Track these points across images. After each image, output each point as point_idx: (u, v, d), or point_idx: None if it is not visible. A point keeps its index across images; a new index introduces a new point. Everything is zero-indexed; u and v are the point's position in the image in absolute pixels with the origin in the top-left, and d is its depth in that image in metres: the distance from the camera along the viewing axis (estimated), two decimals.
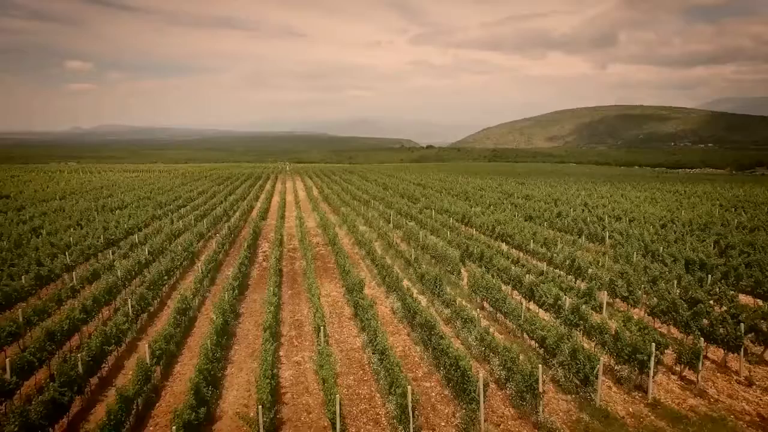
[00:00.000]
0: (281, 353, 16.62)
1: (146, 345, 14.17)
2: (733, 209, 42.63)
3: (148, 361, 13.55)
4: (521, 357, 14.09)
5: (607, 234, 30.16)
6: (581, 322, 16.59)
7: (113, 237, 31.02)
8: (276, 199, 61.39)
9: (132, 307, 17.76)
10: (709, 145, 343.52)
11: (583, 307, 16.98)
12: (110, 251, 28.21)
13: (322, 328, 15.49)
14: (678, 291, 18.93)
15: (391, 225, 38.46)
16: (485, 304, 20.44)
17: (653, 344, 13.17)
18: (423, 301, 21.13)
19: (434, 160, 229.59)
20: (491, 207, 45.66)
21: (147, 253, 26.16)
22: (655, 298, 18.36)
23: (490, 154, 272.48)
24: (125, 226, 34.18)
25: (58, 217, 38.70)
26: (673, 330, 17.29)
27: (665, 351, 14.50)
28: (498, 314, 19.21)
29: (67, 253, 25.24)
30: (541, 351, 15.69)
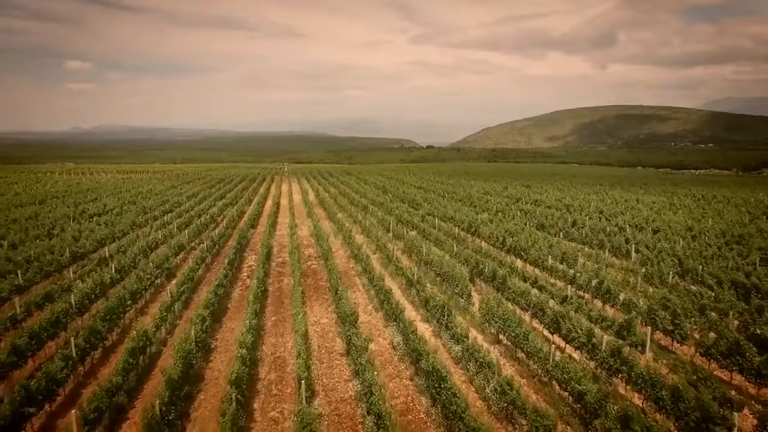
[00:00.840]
0: (255, 405, 13.49)
1: (76, 409, 11.05)
2: (765, 217, 39.31)
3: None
4: (556, 420, 11.01)
5: (633, 247, 26.93)
6: (624, 367, 13.50)
7: (82, 250, 27.76)
8: (269, 203, 58.21)
9: (77, 346, 14.59)
10: (710, 145, 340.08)
11: (626, 349, 13.87)
12: (74, 267, 25.03)
13: (303, 381, 12.36)
14: (736, 324, 15.80)
15: (390, 234, 35.33)
16: (502, 337, 17.33)
17: (735, 414, 10.06)
18: (428, 332, 18.04)
19: (434, 161, 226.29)
20: (499, 214, 42.48)
21: (113, 270, 22.99)
22: (708, 334, 15.26)
23: (490, 155, 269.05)
24: (98, 236, 30.95)
25: (29, 226, 35.45)
26: (736, 376, 14.17)
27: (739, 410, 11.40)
28: (518, 351, 16.10)
29: (20, 272, 22.03)
30: (578, 407, 12.58)
